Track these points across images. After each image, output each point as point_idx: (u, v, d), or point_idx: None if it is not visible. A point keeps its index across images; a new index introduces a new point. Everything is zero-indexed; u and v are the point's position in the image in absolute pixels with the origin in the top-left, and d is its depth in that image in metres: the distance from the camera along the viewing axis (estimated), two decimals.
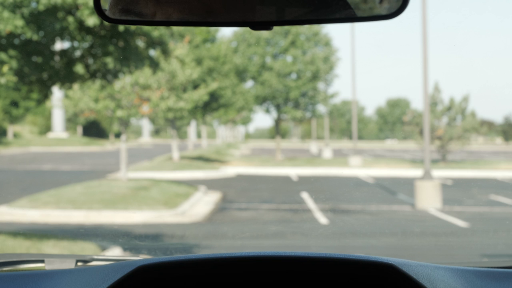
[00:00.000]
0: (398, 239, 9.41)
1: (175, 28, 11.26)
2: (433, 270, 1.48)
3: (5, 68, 9.01)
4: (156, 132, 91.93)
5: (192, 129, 57.07)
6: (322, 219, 11.08)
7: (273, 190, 16.84)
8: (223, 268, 1.48)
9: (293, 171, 23.63)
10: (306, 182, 19.68)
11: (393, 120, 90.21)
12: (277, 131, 36.01)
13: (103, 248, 7.74)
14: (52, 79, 10.53)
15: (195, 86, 27.81)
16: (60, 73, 10.41)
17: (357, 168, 25.94)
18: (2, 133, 52.72)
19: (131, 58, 10.14)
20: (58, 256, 1.98)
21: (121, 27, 9.65)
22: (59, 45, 11.01)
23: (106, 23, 7.55)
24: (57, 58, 10.43)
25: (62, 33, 9.81)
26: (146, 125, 78.87)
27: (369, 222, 11.07)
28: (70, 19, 9.58)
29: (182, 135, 72.00)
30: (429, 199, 13.12)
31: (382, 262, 1.43)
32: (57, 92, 19.68)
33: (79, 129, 67.93)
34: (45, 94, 11.20)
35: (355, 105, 32.31)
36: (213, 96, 31.34)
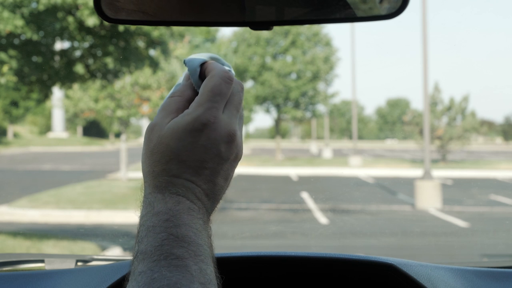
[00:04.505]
0: (398, 239, 9.40)
1: (175, 28, 11.25)
2: (433, 270, 1.48)
3: (5, 68, 9.01)
4: None
5: None
6: (322, 219, 11.08)
7: (273, 190, 16.83)
8: (223, 268, 1.48)
9: (293, 171, 23.63)
10: (306, 182, 19.68)
11: (393, 120, 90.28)
12: (277, 131, 36.00)
13: (103, 248, 7.73)
14: (52, 79, 10.53)
15: None
16: (60, 73, 10.41)
17: (357, 168, 25.93)
18: (2, 133, 52.72)
19: (131, 58, 10.15)
20: (58, 256, 1.98)
21: (121, 27, 9.65)
22: (59, 45, 11.01)
23: (106, 23, 7.55)
24: (57, 58, 10.43)
25: (62, 33, 9.81)
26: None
27: (369, 222, 11.06)
28: (70, 19, 9.58)
29: None
30: (429, 199, 13.12)
31: (382, 262, 1.43)
32: (57, 92, 19.69)
33: (79, 129, 67.94)
34: (45, 94, 11.21)
35: (355, 105, 32.31)
36: None
